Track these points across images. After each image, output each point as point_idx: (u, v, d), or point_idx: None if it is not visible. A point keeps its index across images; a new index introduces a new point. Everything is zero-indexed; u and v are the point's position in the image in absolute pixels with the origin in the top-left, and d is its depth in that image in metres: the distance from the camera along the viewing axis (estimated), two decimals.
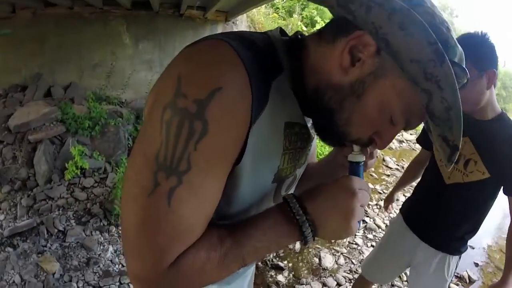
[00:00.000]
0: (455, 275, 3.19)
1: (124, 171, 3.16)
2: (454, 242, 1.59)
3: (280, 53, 0.57)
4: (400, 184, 2.13)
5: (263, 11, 7.26)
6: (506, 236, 1.57)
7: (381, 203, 4.16)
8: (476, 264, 3.57)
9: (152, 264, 0.47)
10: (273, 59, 0.55)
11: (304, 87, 0.58)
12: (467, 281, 3.20)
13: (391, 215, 3.61)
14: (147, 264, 0.47)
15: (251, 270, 0.88)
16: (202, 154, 0.45)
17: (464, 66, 0.51)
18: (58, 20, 4.11)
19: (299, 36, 0.63)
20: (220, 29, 4.97)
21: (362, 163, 0.62)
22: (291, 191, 0.73)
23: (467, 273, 3.28)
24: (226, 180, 0.51)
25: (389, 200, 2.12)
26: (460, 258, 1.63)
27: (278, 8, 7.83)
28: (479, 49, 1.26)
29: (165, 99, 0.45)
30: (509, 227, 1.51)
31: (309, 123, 0.67)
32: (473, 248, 3.89)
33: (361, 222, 0.58)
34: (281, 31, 0.64)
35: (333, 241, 3.12)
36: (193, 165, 0.45)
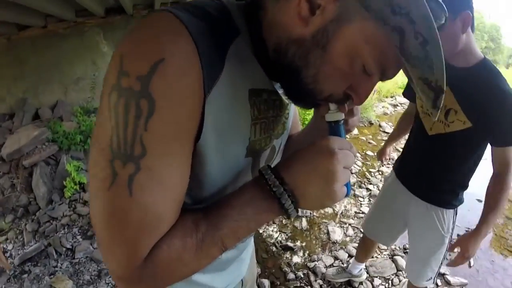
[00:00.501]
0: (465, 230, 3.23)
1: None
2: (444, 195, 1.58)
3: (235, 17, 0.53)
4: (391, 138, 2.15)
5: None
6: (510, 185, 1.55)
7: (383, 168, 4.17)
8: None
9: (126, 260, 0.44)
10: (227, 23, 0.51)
11: (266, 48, 0.53)
12: None
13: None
14: (121, 260, 0.44)
15: (248, 253, 0.87)
16: (155, 134, 0.42)
17: (440, 1, 0.46)
18: (34, 41, 4.05)
19: None
20: None
21: (342, 121, 0.58)
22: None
23: None
24: (191, 161, 0.48)
25: (381, 153, 2.16)
26: (456, 212, 1.61)
27: None
28: None
29: (110, 82, 0.42)
30: (490, 178, 1.46)
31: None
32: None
33: (350, 185, 0.55)
34: None
35: (321, 210, 3.08)
36: (148, 148, 0.42)
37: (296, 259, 2.64)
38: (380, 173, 4.11)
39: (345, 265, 2.46)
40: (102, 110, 0.43)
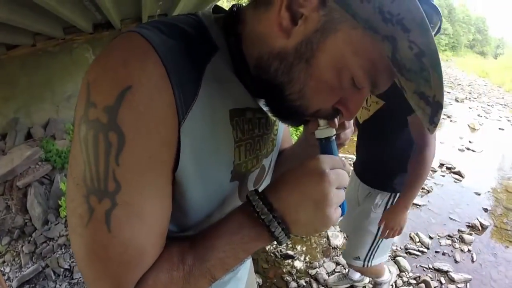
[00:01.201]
0: (466, 225, 3.23)
1: None
2: (380, 178, 1.65)
3: (212, 32, 0.49)
4: None
5: (226, 5, 7.20)
6: (507, 176, 1.56)
7: None
8: (485, 210, 3.59)
9: None
10: (204, 40, 0.48)
11: (246, 64, 0.50)
12: (480, 228, 3.21)
13: None
14: None
15: (245, 271, 0.85)
16: (127, 168, 0.39)
17: (434, 4, 0.41)
18: (23, 60, 4.02)
19: (235, 9, 0.53)
20: None
21: (333, 137, 0.54)
22: (264, 185, 0.64)
23: (478, 220, 3.30)
24: (171, 191, 0.46)
25: None
26: (392, 197, 1.65)
27: None
28: None
29: (79, 112, 0.40)
30: (412, 153, 1.49)
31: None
32: (479, 194, 3.92)
33: (346, 205, 0.50)
34: (216, 8, 0.57)
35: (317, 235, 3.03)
36: (122, 183, 0.39)
37: (298, 267, 2.62)
38: None
39: (346, 270, 2.44)
40: (74, 142, 0.41)
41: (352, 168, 1.95)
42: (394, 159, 1.59)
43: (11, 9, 2.15)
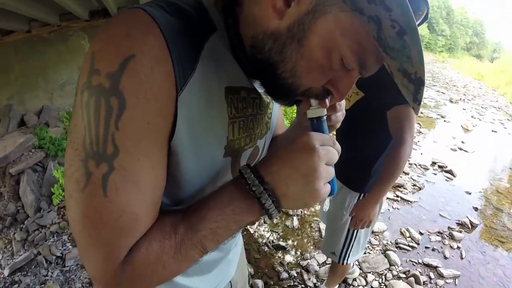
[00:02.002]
0: (456, 222, 3.27)
1: None
2: (353, 177, 1.65)
3: (211, 13, 0.51)
4: None
5: None
6: (498, 177, 1.58)
7: None
8: (476, 209, 3.64)
9: (102, 262, 0.43)
10: (203, 19, 0.50)
11: (243, 45, 0.52)
12: (469, 226, 3.26)
13: None
14: (98, 263, 0.43)
15: (236, 254, 0.86)
16: (126, 133, 0.41)
17: None
18: (18, 47, 3.98)
19: None
20: None
21: (324, 117, 0.56)
22: None
23: (468, 218, 3.34)
24: (166, 160, 0.47)
25: None
26: (362, 197, 1.66)
27: None
28: None
29: (82, 80, 0.42)
30: (388, 149, 1.50)
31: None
32: (470, 194, 3.98)
33: (335, 183, 0.53)
34: None
35: (312, 208, 3.06)
36: (121, 147, 0.41)
37: (289, 258, 2.65)
38: None
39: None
40: (76, 109, 0.42)
41: None
42: (367, 157, 1.58)
43: None
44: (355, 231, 1.69)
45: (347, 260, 1.77)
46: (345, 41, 0.43)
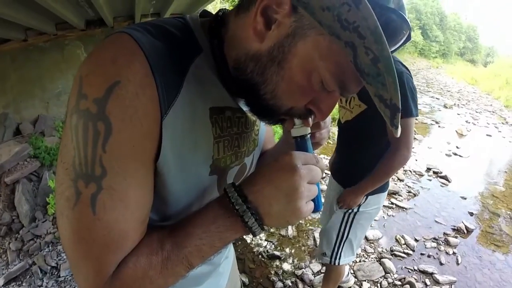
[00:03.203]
0: (451, 228, 3.29)
1: None
2: (353, 179, 1.69)
3: (198, 35, 0.54)
4: None
5: (219, 7, 7.21)
6: (493, 181, 1.63)
7: None
8: (471, 214, 3.66)
9: (92, 277, 0.45)
10: (189, 41, 0.52)
11: (227, 65, 0.54)
12: (465, 231, 3.27)
13: None
14: (89, 277, 0.45)
15: (227, 266, 0.86)
16: (113, 155, 0.43)
17: (404, 14, 0.43)
18: (14, 55, 3.97)
19: (220, 13, 0.57)
20: None
21: (308, 136, 0.58)
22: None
23: (464, 223, 3.36)
24: (153, 179, 0.49)
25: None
26: (365, 198, 1.70)
27: (234, 1, 7.77)
28: None
29: (71, 104, 0.44)
30: (387, 152, 1.55)
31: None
32: (465, 199, 4.00)
33: (320, 200, 0.55)
34: (204, 12, 0.61)
35: (308, 217, 3.09)
36: (108, 168, 0.43)
37: (284, 267, 2.64)
38: None
39: None
40: (66, 131, 0.45)
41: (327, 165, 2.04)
42: (366, 165, 1.63)
43: (3, 2, 2.14)
44: (347, 230, 1.74)
45: (339, 260, 1.79)
46: (324, 63, 0.44)
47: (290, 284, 2.47)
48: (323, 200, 1.65)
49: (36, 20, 3.10)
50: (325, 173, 3.45)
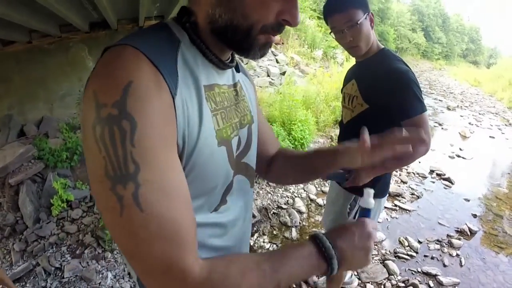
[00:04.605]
0: (455, 230, 3.28)
1: None
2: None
3: (174, 30, 0.62)
4: None
5: None
6: (496, 183, 1.61)
7: None
8: (475, 215, 3.65)
9: (174, 277, 0.47)
10: (169, 37, 0.60)
11: (205, 37, 0.62)
12: (468, 233, 3.26)
13: None
14: (172, 280, 0.47)
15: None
16: (142, 147, 0.46)
17: None
18: (18, 57, 4.00)
19: (185, 5, 0.66)
20: None
21: (372, 208, 0.72)
22: (248, 158, 0.78)
23: (467, 225, 3.35)
24: (180, 162, 0.53)
25: None
26: (357, 200, 1.70)
27: None
28: None
29: (91, 118, 0.46)
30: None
31: (230, 82, 0.74)
32: (468, 201, 3.99)
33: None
34: (183, 8, 0.67)
35: (311, 219, 3.06)
36: (140, 162, 0.45)
37: None
38: None
39: None
40: (90, 148, 0.46)
41: None
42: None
43: (8, 3, 2.15)
44: None
45: None
46: None
47: (294, 286, 2.46)
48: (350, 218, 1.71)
49: (40, 21, 3.12)
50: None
